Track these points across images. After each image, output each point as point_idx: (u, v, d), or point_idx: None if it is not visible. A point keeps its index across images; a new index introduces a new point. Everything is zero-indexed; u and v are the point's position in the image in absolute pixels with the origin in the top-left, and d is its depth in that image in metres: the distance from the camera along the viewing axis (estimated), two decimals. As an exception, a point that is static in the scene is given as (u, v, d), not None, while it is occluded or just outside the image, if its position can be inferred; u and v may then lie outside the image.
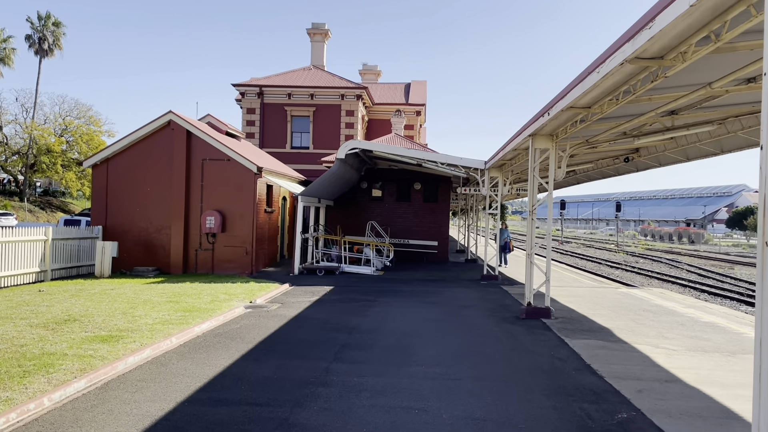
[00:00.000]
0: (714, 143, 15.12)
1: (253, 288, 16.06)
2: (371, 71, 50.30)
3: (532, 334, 10.29)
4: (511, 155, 15.89)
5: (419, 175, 27.07)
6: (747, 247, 66.73)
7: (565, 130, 10.90)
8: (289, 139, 35.23)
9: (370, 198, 27.63)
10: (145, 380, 7.23)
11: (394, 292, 16.20)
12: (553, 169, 11.72)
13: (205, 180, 20.54)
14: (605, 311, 13.01)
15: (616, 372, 7.78)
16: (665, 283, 27.74)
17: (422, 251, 26.72)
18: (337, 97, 35.18)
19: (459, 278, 20.28)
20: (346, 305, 13.58)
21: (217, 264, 20.41)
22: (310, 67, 38.86)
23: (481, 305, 13.76)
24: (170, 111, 20.47)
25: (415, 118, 40.28)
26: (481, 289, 17.28)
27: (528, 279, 11.88)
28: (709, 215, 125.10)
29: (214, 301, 13.58)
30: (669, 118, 11.39)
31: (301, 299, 14.44)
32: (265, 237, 21.74)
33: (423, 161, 20.14)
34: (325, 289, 16.49)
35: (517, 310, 12.93)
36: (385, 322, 11.47)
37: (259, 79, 36.22)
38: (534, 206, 11.89)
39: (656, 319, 12.10)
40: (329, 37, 40.88)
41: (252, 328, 10.61)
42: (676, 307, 13.88)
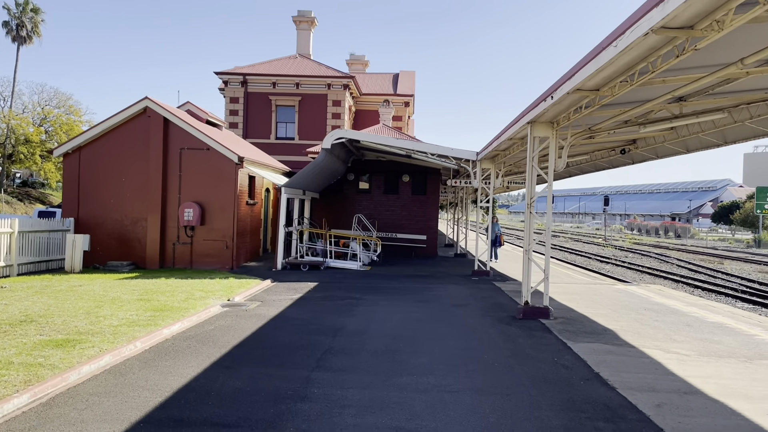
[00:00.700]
0: (717, 134, 14.42)
1: (232, 284, 15.15)
2: (358, 61, 49.25)
3: (532, 336, 9.51)
4: (506, 145, 15.09)
5: (408, 167, 26.22)
6: (733, 242, 66.82)
7: (567, 117, 10.10)
8: (274, 129, 34.19)
9: (357, 190, 26.75)
10: (98, 394, 6.34)
11: (382, 288, 15.37)
12: (553, 159, 10.93)
13: (183, 170, 19.54)
14: (605, 310, 12.29)
15: (628, 382, 7.01)
16: (657, 279, 27.21)
17: (411, 245, 25.92)
18: (323, 87, 34.18)
19: (449, 274, 19.50)
20: (331, 303, 12.73)
21: (195, 258, 19.44)
22: (295, 56, 37.78)
23: (474, 304, 12.97)
24: (146, 97, 19.40)
25: (403, 109, 39.38)
26: (472, 285, 16.50)
27: (525, 277, 11.11)
28: (695, 209, 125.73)
29: (188, 299, 12.67)
30: (676, 105, 10.64)
31: (283, 297, 13.56)
32: (247, 230, 20.80)
33: (412, 152, 19.29)
34: (309, 285, 15.62)
35: (512, 309, 12.16)
36: (372, 322, 10.64)
37: (243, 68, 35.09)
38: (532, 199, 11.10)
39: (660, 319, 11.39)
40: (315, 25, 39.79)
41: (227, 330, 9.73)
42: (678, 306, 13.20)
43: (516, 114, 13.52)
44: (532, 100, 10.81)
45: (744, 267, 34.61)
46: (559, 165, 10.94)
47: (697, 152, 16.52)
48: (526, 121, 10.87)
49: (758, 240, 59.22)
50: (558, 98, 8.62)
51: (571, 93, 8.25)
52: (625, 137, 16.74)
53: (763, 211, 56.95)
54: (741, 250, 51.85)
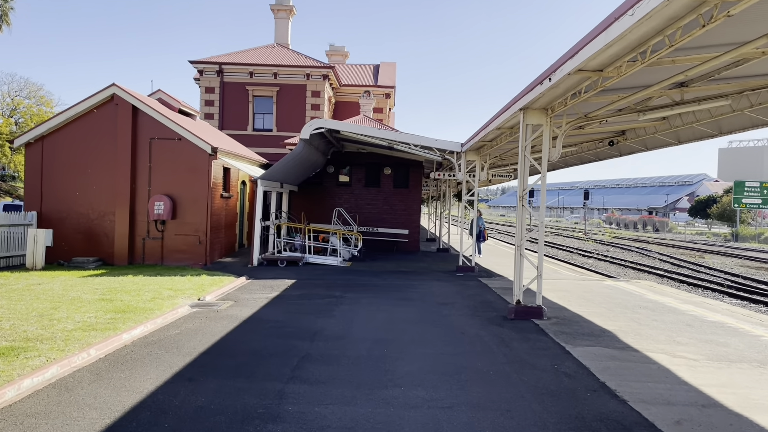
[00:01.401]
0: (712, 124, 13.87)
1: (204, 282, 14.23)
2: (338, 52, 48.23)
3: (527, 339, 8.80)
4: (493, 135, 14.37)
5: (389, 159, 25.42)
6: (711, 236, 67.32)
7: (564, 102, 9.39)
8: (251, 120, 33.11)
9: (337, 183, 25.88)
10: (36, 414, 5.45)
11: (364, 286, 14.58)
12: (547, 149, 10.22)
13: (153, 161, 18.49)
14: (599, 309, 11.65)
15: (639, 393, 6.33)
16: (642, 273, 26.84)
17: (392, 240, 25.16)
18: (302, 77, 33.17)
19: (433, 270, 18.78)
20: (309, 303, 11.90)
21: (167, 254, 18.44)
22: (273, 45, 36.68)
23: (461, 302, 12.24)
24: (113, 84, 18.30)
25: (384, 101, 38.54)
26: (458, 282, 15.80)
27: (517, 274, 10.40)
28: (671, 204, 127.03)
29: (155, 298, 11.74)
30: (677, 91, 9.99)
31: (258, 295, 12.70)
32: (222, 224, 19.83)
33: (395, 143, 18.49)
34: (286, 283, 14.76)
35: (502, 309, 11.46)
36: (353, 324, 9.85)
37: (219, 57, 33.92)
38: (525, 191, 10.38)
39: (658, 318, 10.78)
40: (294, 13, 38.68)
41: (194, 334, 8.85)
42: (674, 303, 12.63)
43: (499, 106, 12.83)
44: (516, 93, 10.12)
45: (725, 261, 34.52)
46: (554, 155, 10.24)
47: (688, 143, 16.00)
48: (518, 107, 10.13)
49: (736, 234, 59.65)
50: (557, 80, 7.89)
51: (572, 74, 7.52)
52: (616, 127, 16.15)
53: (740, 205, 57.36)
54: (720, 244, 52.07)
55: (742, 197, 57.73)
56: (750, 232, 60.75)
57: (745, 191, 57.76)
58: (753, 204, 58.02)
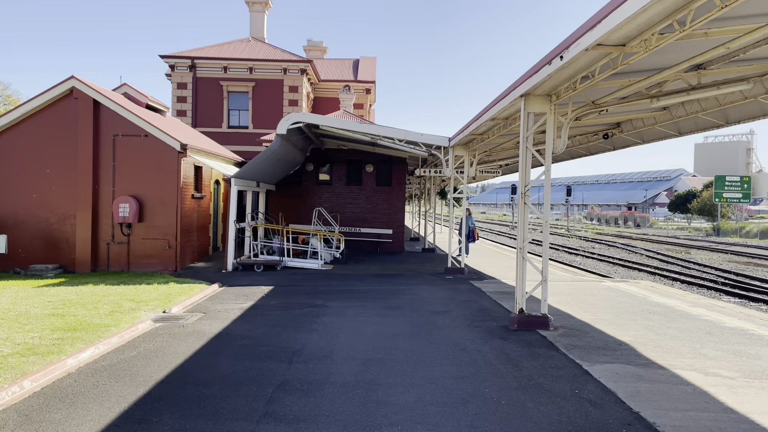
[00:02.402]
0: (718, 113, 12.98)
1: (171, 291, 12.95)
2: (316, 47, 46.83)
3: (536, 356, 7.73)
4: (486, 127, 13.32)
5: (371, 156, 24.29)
6: (692, 231, 67.39)
7: (572, 87, 8.35)
8: (226, 117, 31.70)
9: (317, 182, 24.68)
10: (-68, 482, 4.23)
11: (347, 292, 13.44)
12: (551, 139, 9.18)
13: (117, 160, 17.11)
14: (606, 315, 10.66)
15: (684, 427, 5.29)
16: (632, 271, 26.12)
17: (376, 240, 24.04)
18: (279, 72, 31.85)
19: (420, 272, 17.70)
20: (288, 314, 10.72)
21: (133, 260, 17.08)
22: (248, 39, 35.28)
23: (456, 310, 11.16)
24: (72, 76, 16.88)
25: (364, 97, 37.36)
26: (448, 285, 14.73)
27: (520, 280, 9.34)
28: (650, 199, 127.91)
29: (114, 312, 10.46)
30: (695, 75, 9.02)
31: (231, 306, 11.47)
32: (193, 227, 18.52)
33: (378, 137, 17.36)
34: (263, 290, 13.55)
35: (501, 317, 10.40)
36: (338, 339, 8.70)
37: (191, 51, 32.42)
38: (527, 187, 9.32)
39: (673, 325, 9.82)
40: (270, 6, 37.31)
41: (153, 357, 7.63)
42: (683, 307, 11.70)
43: (481, 106, 11.81)
44: (500, 93, 9.03)
45: (712, 256, 34.06)
46: (558, 146, 9.20)
47: (690, 135, 15.13)
48: (518, 93, 9.07)
49: (717, 228, 59.66)
50: (570, 58, 6.83)
51: (590, 49, 6.46)
52: (613, 119, 15.23)
53: (721, 199, 57.28)
54: (702, 239, 51.88)
55: (723, 191, 57.63)
56: (731, 226, 60.84)
57: (726, 186, 57.66)
58: (734, 198, 57.96)
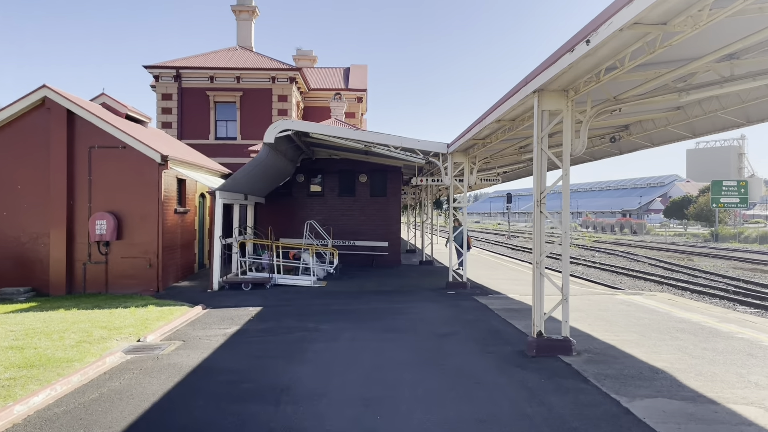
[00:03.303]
0: (739, 111, 12.05)
1: (149, 315, 11.80)
2: (306, 56, 45.93)
3: (563, 390, 6.65)
4: (489, 130, 12.32)
5: (365, 165, 23.27)
6: (690, 237, 66.68)
7: (595, 78, 7.36)
8: (213, 128, 30.62)
9: (309, 194, 23.61)
10: None
11: (342, 312, 12.33)
12: (569, 140, 8.17)
13: (93, 174, 15.99)
14: (630, 334, 9.61)
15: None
16: (638, 281, 25.17)
17: (371, 254, 22.95)
18: (267, 80, 30.85)
19: (420, 287, 16.61)
20: (276, 340, 9.60)
21: (112, 281, 15.90)
22: (235, 48, 34.30)
23: (463, 332, 10.07)
24: (44, 85, 15.79)
25: (356, 105, 36.42)
26: (452, 302, 13.65)
27: (537, 299, 8.27)
28: (645, 205, 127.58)
29: (82, 342, 9.32)
30: (727, 65, 8.06)
31: (214, 332, 10.34)
32: (177, 244, 17.37)
33: (372, 145, 16.33)
34: (250, 312, 12.42)
35: (515, 340, 9.32)
36: (333, 372, 7.59)
37: (177, 61, 31.38)
38: (543, 193, 8.29)
39: (709, 346, 8.77)
40: (257, 15, 36.41)
41: (118, 400, 6.50)
42: (712, 323, 10.67)
43: (476, 116, 10.80)
44: (496, 100, 8.05)
45: (716, 263, 33.19)
46: (577, 147, 8.19)
47: (704, 136, 14.20)
48: (531, 89, 8.06)
49: (716, 234, 58.93)
50: (598, 43, 5.83)
51: (625, 29, 5.45)
52: (623, 120, 14.29)
53: (719, 204, 56.58)
54: (702, 245, 51.10)
55: (720, 197, 56.90)
56: (729, 231, 60.16)
57: (723, 190, 56.95)
58: (731, 203, 57.23)
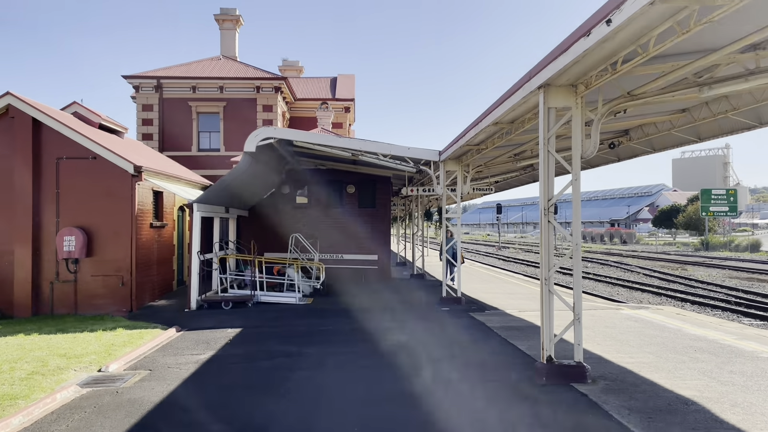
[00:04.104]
0: (750, 112, 11.30)
1: (117, 340, 10.75)
2: (292, 67, 45.12)
3: (585, 428, 5.73)
4: (485, 135, 11.46)
5: (353, 175, 22.36)
6: (680, 246, 66.40)
7: (610, 69, 6.52)
8: (196, 140, 29.60)
9: (294, 206, 22.61)
10: None
11: (328, 333, 11.35)
12: (579, 140, 7.32)
13: (62, 186, 14.94)
14: (646, 355, 8.73)
15: None
16: (635, 292, 24.40)
17: (360, 268, 21.98)
18: (251, 90, 29.94)
19: (411, 303, 15.67)
20: (254, 368, 8.60)
21: (82, 300, 14.81)
22: (219, 57, 33.41)
23: (461, 355, 9.13)
24: (8, 92, 14.79)
25: (343, 115, 35.57)
26: (446, 320, 12.72)
27: (546, 319, 7.36)
28: (633, 215, 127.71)
29: (34, 374, 8.26)
30: (752, 56, 7.27)
31: (186, 358, 9.32)
32: (153, 260, 16.31)
33: (360, 153, 15.43)
34: (229, 334, 11.40)
35: (521, 364, 8.40)
36: (317, 408, 6.62)
37: (157, 70, 30.40)
38: (550, 200, 7.42)
39: (734, 369, 7.91)
40: (241, 24, 35.57)
41: (60, 449, 5.49)
42: (729, 341, 9.83)
43: (469, 119, 9.99)
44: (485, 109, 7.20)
45: (711, 272, 32.58)
46: (588, 149, 7.34)
47: (710, 140, 13.45)
48: (536, 84, 7.22)
49: (706, 243, 58.55)
50: (621, 22, 4.98)
51: (657, 2, 4.61)
52: (623, 124, 13.52)
53: (708, 213, 56.25)
54: (693, 254, 50.67)
55: (710, 205, 56.58)
56: (719, 240, 59.88)
57: (712, 199, 56.65)
58: (720, 212, 56.95)
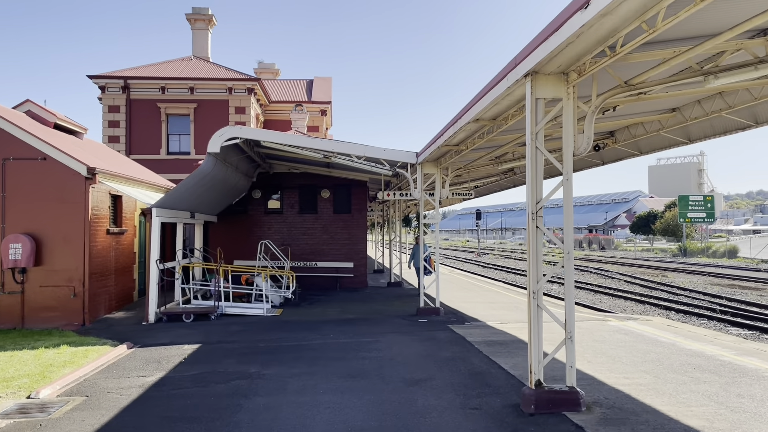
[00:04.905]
0: (746, 111, 10.65)
1: (58, 359, 9.64)
2: (268, 69, 44.10)
3: (584, 470, 4.87)
4: (465, 134, 10.62)
5: (328, 180, 21.44)
6: (659, 252, 66.48)
7: (606, 54, 5.71)
8: (165, 143, 28.40)
9: (266, 211, 21.61)
10: None
11: (295, 349, 10.37)
12: (571, 136, 6.50)
13: (7, 189, 13.76)
14: (642, 375, 7.92)
15: None
16: (617, 300, 23.80)
17: (335, 275, 21.01)
18: (223, 91, 28.87)
19: (388, 314, 14.74)
20: (205, 393, 7.59)
21: (29, 313, 13.60)
22: (190, 58, 32.28)
23: (439, 376, 8.22)
24: (-51, 87, 13.57)
25: (319, 119, 34.65)
26: (424, 334, 11.81)
27: (535, 338, 6.49)
28: (610, 221, 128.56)
29: (-51, 403, 7.16)
30: (761, 42, 6.54)
31: (130, 381, 8.27)
32: (110, 269, 15.16)
33: (333, 155, 14.50)
34: (184, 351, 10.35)
35: (505, 387, 7.52)
36: (269, 444, 5.65)
37: (125, 70, 29.18)
38: (539, 203, 6.58)
39: (743, 392, 7.13)
40: (214, 24, 34.45)
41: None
42: (729, 357, 9.08)
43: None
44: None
45: (692, 279, 32.22)
46: (582, 145, 6.52)
47: (701, 141, 12.79)
48: (522, 72, 6.38)
49: (684, 249, 58.63)
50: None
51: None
52: (605, 125, 12.81)
53: (686, 219, 56.34)
54: (672, 260, 50.58)
55: (687, 211, 56.72)
56: (696, 246, 59.98)
57: (690, 205, 56.80)
58: (698, 218, 57.10)
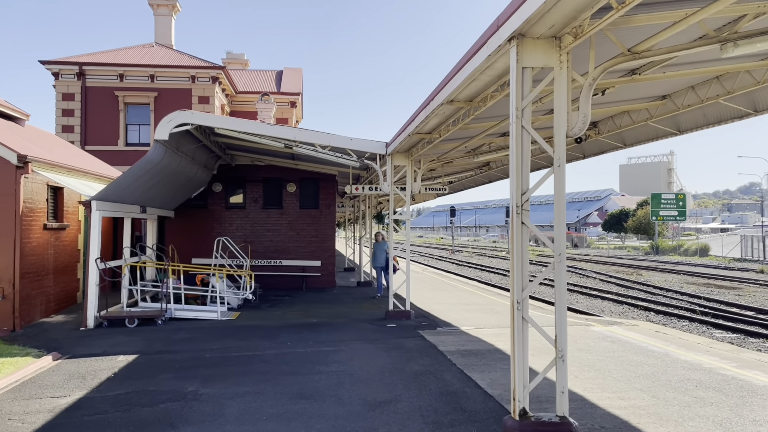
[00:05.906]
0: (744, 97, 9.75)
1: (-36, 375, 8.25)
2: (237, 60, 42.41)
3: None
4: (438, 119, 9.50)
5: (294, 173, 20.17)
6: (631, 249, 66.58)
7: (611, 8, 4.62)
8: (123, 133, 26.74)
9: (227, 206, 20.26)
10: None
11: (244, 361, 9.14)
12: (564, 113, 5.42)
13: (-73, 178, 12.22)
14: (639, 395, 6.91)
15: None
16: (594, 300, 23.12)
17: (301, 275, 19.76)
18: (186, 80, 27.30)
19: (354, 318, 13.58)
20: (125, 422, 6.32)
21: (-50, 318, 12.11)
22: (152, 44, 30.58)
23: (406, 397, 7.08)
24: None
25: (289, 111, 33.25)
26: (392, 342, 10.67)
27: (520, 358, 5.38)
28: (582, 219, 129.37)
29: None
30: (784, 8, 5.52)
31: (40, 405, 6.96)
32: (48, 268, 13.69)
33: (294, 143, 13.26)
34: (117, 363, 9.04)
35: (483, 413, 6.41)
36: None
37: (80, 56, 27.42)
38: (525, 194, 5.49)
39: (758, 417, 6.18)
40: (178, 10, 32.75)
41: None
42: (731, 370, 8.16)
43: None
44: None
45: (667, 278, 31.80)
46: (576, 124, 5.46)
47: (691, 132, 11.89)
48: (505, 35, 5.27)
49: (656, 247, 58.70)
50: None
51: None
52: (594, 112, 11.83)
53: (658, 218, 56.36)
54: (645, 258, 50.47)
55: (660, 210, 56.72)
56: (668, 244, 60.12)
57: (662, 204, 56.82)
58: (670, 216, 57.14)
